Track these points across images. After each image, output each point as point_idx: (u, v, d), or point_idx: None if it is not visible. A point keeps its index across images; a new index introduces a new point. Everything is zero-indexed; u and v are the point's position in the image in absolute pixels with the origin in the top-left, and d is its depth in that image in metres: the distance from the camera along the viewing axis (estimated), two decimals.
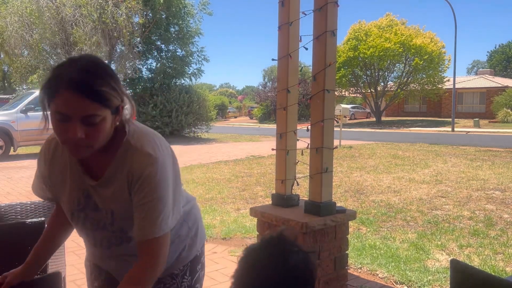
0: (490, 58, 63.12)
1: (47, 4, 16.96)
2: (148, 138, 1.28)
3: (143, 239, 1.23)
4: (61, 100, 1.10)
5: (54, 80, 1.12)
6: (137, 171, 1.21)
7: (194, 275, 1.51)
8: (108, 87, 1.13)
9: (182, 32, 19.50)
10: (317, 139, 2.53)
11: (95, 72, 1.13)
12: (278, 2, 2.76)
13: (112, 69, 1.20)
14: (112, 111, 1.16)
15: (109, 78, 1.15)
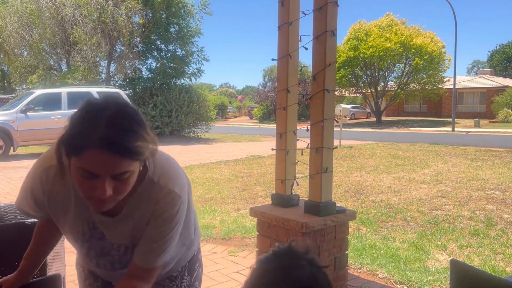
0: (491, 58, 63.11)
1: (47, 4, 16.97)
2: (170, 173, 1.22)
3: (144, 266, 1.21)
4: (90, 158, 0.99)
5: (81, 137, 1.00)
6: (162, 210, 1.17)
7: (193, 274, 1.50)
8: (141, 140, 1.03)
9: (182, 32, 19.49)
10: (317, 139, 2.53)
11: (127, 126, 1.02)
12: (278, 2, 2.76)
13: (139, 115, 1.08)
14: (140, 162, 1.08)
15: (140, 129, 1.04)
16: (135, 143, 1.01)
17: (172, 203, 1.18)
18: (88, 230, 1.25)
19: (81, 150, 1.00)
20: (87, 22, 16.95)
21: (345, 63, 30.34)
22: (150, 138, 1.08)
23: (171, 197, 1.17)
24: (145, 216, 1.19)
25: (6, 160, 10.93)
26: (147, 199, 1.18)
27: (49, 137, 12.06)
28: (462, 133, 22.51)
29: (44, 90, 12.98)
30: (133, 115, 1.05)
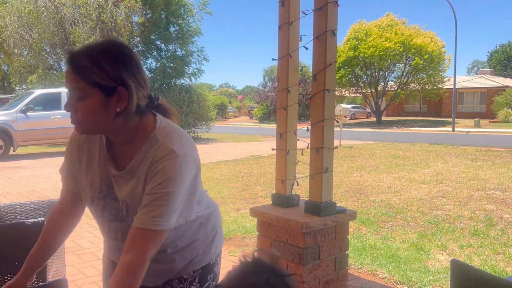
0: (490, 58, 63.12)
1: (46, 4, 16.97)
2: (176, 136, 1.26)
3: (137, 226, 1.19)
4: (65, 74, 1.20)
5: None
6: (157, 164, 1.20)
7: (204, 284, 1.45)
8: (95, 64, 1.14)
9: (181, 32, 19.48)
10: (317, 139, 2.53)
11: (89, 51, 1.16)
12: (278, 2, 2.76)
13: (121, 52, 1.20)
14: (103, 92, 1.16)
15: (103, 59, 1.16)
16: (84, 64, 1.14)
17: (168, 156, 1.20)
18: (105, 187, 1.31)
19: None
20: (86, 22, 16.95)
21: (345, 63, 30.34)
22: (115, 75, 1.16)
23: (169, 155, 1.20)
24: (145, 173, 1.23)
25: (6, 160, 10.93)
26: (149, 155, 1.23)
27: (49, 137, 12.07)
28: (462, 133, 22.51)
29: (44, 90, 12.98)
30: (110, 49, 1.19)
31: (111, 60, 1.17)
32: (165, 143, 1.22)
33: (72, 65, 1.16)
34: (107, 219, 1.34)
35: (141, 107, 1.23)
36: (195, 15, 19.72)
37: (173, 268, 1.39)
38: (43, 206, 2.98)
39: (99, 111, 1.18)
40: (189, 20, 19.70)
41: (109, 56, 1.17)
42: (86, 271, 3.51)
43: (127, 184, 1.27)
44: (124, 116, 1.20)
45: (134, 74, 1.20)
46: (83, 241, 4.33)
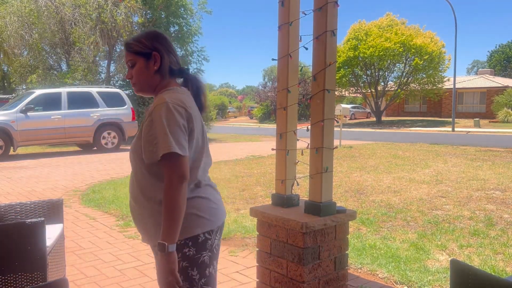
0: (490, 58, 63.12)
1: (46, 4, 16.96)
2: (175, 94, 1.65)
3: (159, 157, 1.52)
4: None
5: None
6: (153, 108, 1.60)
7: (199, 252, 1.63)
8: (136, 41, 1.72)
9: (181, 32, 19.48)
10: (317, 139, 2.53)
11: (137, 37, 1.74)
12: (278, 2, 2.76)
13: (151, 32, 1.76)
14: (145, 58, 1.69)
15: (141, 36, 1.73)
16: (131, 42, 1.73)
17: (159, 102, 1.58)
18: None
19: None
20: (86, 22, 16.94)
21: (345, 63, 30.34)
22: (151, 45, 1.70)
23: (161, 100, 1.59)
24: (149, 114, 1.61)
25: (6, 160, 10.93)
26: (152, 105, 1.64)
27: (49, 137, 12.07)
28: (462, 133, 22.51)
29: (44, 90, 12.98)
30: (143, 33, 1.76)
31: (148, 37, 1.72)
32: (162, 96, 1.62)
33: (126, 47, 1.73)
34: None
35: (173, 70, 1.74)
36: (194, 15, 19.74)
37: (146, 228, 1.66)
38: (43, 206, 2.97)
39: (144, 71, 1.70)
40: (189, 20, 19.72)
41: (147, 35, 1.73)
42: (86, 271, 3.51)
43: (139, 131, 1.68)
44: (160, 74, 1.71)
45: (164, 45, 1.73)
46: (83, 241, 4.33)
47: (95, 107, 12.73)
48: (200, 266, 1.62)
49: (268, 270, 2.67)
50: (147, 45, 1.69)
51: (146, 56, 1.68)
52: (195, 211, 1.62)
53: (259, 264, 2.74)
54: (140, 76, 1.70)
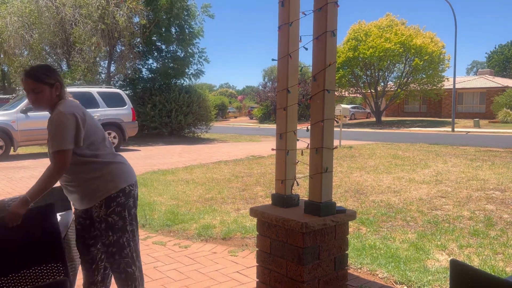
0: (489, 58, 63.15)
1: (47, 4, 16.96)
2: (65, 103, 2.33)
3: (51, 152, 2.27)
4: (23, 83, 2.33)
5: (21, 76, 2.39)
6: (51, 119, 2.28)
7: (109, 208, 2.39)
8: (42, 73, 2.32)
9: (183, 34, 19.49)
10: (317, 139, 2.53)
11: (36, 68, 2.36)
12: (278, 2, 2.76)
13: (50, 67, 2.42)
14: (49, 86, 2.32)
15: (44, 70, 2.35)
16: (37, 73, 2.31)
17: (56, 114, 2.27)
18: None
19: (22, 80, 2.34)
20: (87, 22, 16.94)
21: (344, 63, 30.34)
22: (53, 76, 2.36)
23: (56, 112, 2.28)
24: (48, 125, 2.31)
25: (6, 160, 10.93)
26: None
27: None
28: (462, 133, 22.52)
29: None
30: (42, 65, 2.45)
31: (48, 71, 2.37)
32: (60, 107, 2.30)
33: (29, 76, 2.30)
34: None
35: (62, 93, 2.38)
36: (197, 18, 19.74)
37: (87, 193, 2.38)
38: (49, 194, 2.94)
39: (48, 97, 2.34)
40: (191, 22, 19.72)
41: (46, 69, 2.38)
42: None
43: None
44: (58, 97, 2.37)
45: (60, 77, 2.40)
46: None
47: (95, 107, 12.73)
48: (127, 208, 2.44)
49: (268, 270, 2.67)
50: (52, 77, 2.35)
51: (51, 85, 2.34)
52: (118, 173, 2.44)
53: (259, 264, 2.74)
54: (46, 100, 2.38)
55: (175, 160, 11.12)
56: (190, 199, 6.24)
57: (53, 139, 2.24)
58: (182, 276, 3.45)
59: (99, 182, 2.36)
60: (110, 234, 2.40)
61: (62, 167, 2.25)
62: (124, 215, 2.42)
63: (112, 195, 2.38)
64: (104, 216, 2.39)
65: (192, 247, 4.17)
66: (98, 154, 2.39)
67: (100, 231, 2.42)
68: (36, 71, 2.30)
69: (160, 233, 4.66)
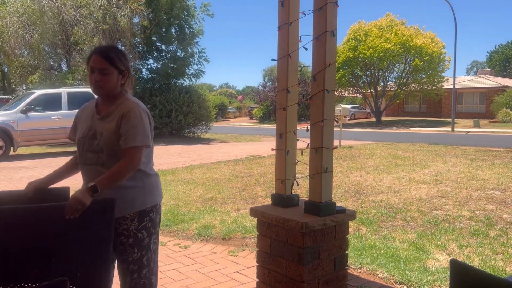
0: (490, 58, 63.14)
1: (49, 4, 16.96)
2: (137, 100, 2.22)
3: (126, 147, 2.07)
4: (92, 60, 2.14)
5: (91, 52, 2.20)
6: (126, 110, 2.12)
7: (141, 223, 2.19)
8: (116, 56, 2.16)
9: (183, 34, 19.49)
10: (317, 139, 2.53)
11: (111, 48, 2.21)
12: (278, 2, 2.76)
13: (124, 52, 2.26)
14: (118, 72, 2.16)
15: (119, 54, 2.19)
16: (111, 55, 2.14)
17: (132, 106, 2.15)
18: (87, 131, 2.19)
19: (90, 56, 2.17)
20: (88, 23, 16.94)
21: (344, 63, 30.34)
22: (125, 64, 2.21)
23: (132, 105, 2.15)
24: (120, 115, 2.11)
25: (6, 160, 10.93)
26: (121, 107, 2.16)
27: (49, 137, 12.07)
28: (462, 133, 22.52)
29: (44, 90, 12.98)
30: (117, 48, 2.29)
31: (123, 56, 2.21)
32: (132, 101, 2.18)
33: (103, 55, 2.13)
34: (85, 150, 2.17)
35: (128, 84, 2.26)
36: (196, 17, 19.75)
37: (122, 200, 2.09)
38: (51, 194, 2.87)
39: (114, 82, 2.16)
40: (191, 22, 19.72)
41: (121, 54, 2.22)
42: None
43: (106, 122, 2.14)
44: (122, 85, 2.22)
45: (130, 67, 2.25)
46: None
47: None
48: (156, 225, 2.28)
49: (268, 270, 2.67)
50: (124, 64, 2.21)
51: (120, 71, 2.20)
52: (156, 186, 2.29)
53: (259, 264, 2.74)
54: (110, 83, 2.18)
55: (175, 160, 11.12)
56: (190, 199, 6.24)
57: (132, 132, 2.06)
58: (182, 276, 3.45)
59: (137, 192, 2.17)
60: (135, 251, 2.18)
61: (137, 163, 2.08)
62: (152, 232, 2.24)
63: (147, 209, 2.20)
64: (134, 231, 2.16)
65: (192, 247, 4.17)
66: (145, 162, 2.20)
67: (124, 246, 2.17)
68: (111, 51, 2.15)
69: (160, 233, 4.65)
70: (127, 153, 2.07)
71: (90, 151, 2.14)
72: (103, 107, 2.20)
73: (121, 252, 2.18)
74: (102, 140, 2.10)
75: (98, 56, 2.10)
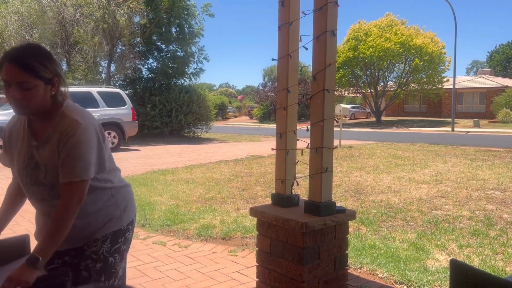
0: (490, 58, 63.13)
1: (49, 4, 16.96)
2: (77, 110, 1.67)
3: (65, 181, 1.59)
4: (4, 70, 1.53)
5: (2, 57, 1.54)
6: (65, 132, 1.59)
7: (115, 245, 1.81)
8: (38, 63, 1.54)
9: (183, 33, 19.49)
10: (317, 139, 2.53)
11: (28, 51, 1.56)
12: (278, 2, 2.76)
13: (49, 54, 1.62)
14: (44, 82, 1.57)
15: (41, 57, 1.57)
16: (32, 62, 1.53)
17: (73, 125, 1.60)
18: (27, 158, 1.69)
19: (1, 65, 1.54)
20: (88, 22, 16.94)
21: (344, 63, 30.35)
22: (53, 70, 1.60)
23: (73, 123, 1.60)
24: (58, 140, 1.60)
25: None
26: (59, 126, 1.62)
27: None
28: (462, 133, 22.52)
29: None
30: (40, 50, 1.60)
31: (47, 59, 1.59)
32: (69, 115, 1.63)
33: (18, 63, 1.52)
34: (29, 184, 1.71)
35: (62, 92, 1.67)
36: (197, 17, 19.75)
37: (88, 228, 1.73)
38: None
39: (42, 97, 1.58)
40: (191, 22, 19.73)
41: (45, 56, 1.59)
42: None
43: (45, 150, 1.64)
44: (53, 98, 1.63)
45: (60, 70, 1.65)
46: None
47: (95, 107, 12.73)
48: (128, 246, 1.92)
49: (268, 269, 2.67)
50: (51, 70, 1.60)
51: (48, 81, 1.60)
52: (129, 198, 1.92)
53: (259, 263, 2.74)
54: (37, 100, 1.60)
55: (175, 160, 11.12)
56: (190, 199, 6.24)
57: (70, 163, 1.58)
58: (182, 276, 3.45)
59: (110, 212, 1.79)
60: (102, 279, 1.77)
61: (80, 199, 1.61)
62: (124, 255, 1.88)
63: (123, 228, 1.83)
64: (105, 254, 1.77)
65: (192, 247, 4.17)
66: (110, 178, 1.80)
67: (89, 272, 1.74)
68: (29, 57, 1.53)
69: (160, 233, 4.66)
70: (65, 189, 1.59)
71: (37, 185, 1.69)
72: (38, 128, 1.68)
73: (83, 279, 1.72)
74: (49, 174, 1.65)
75: (13, 65, 1.51)
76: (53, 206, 1.64)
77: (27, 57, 1.54)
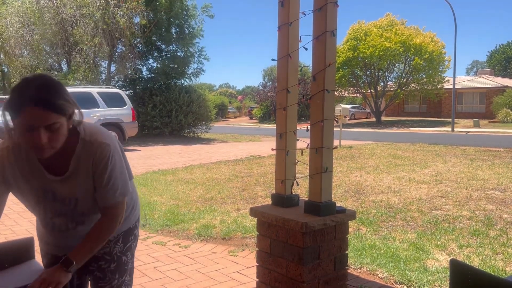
0: (490, 58, 63.12)
1: (48, 4, 16.97)
2: (97, 132, 1.60)
3: (105, 205, 1.60)
4: (27, 114, 1.36)
5: (18, 99, 1.37)
6: (99, 158, 1.55)
7: (126, 243, 1.85)
8: (62, 100, 1.42)
9: (183, 34, 19.50)
10: (317, 139, 2.53)
11: (49, 89, 1.40)
12: (278, 2, 2.76)
13: (62, 85, 1.47)
14: (67, 117, 1.46)
15: (62, 92, 1.43)
16: (58, 101, 1.40)
17: (105, 151, 1.56)
18: (42, 193, 1.61)
19: (20, 109, 1.36)
20: (88, 23, 16.95)
21: (344, 63, 30.36)
22: (72, 101, 1.47)
23: (104, 147, 1.56)
24: (89, 169, 1.56)
25: None
26: (86, 155, 1.55)
27: None
28: (461, 133, 22.52)
29: None
30: (57, 84, 1.44)
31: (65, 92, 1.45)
32: (95, 140, 1.56)
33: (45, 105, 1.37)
34: (50, 218, 1.67)
35: (76, 119, 1.55)
36: (196, 18, 19.76)
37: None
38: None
39: (65, 133, 1.48)
40: (191, 23, 19.75)
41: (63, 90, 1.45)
42: None
43: (71, 185, 1.58)
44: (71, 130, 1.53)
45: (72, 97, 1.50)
46: None
47: (95, 107, 12.74)
48: (137, 243, 1.96)
49: (268, 270, 2.67)
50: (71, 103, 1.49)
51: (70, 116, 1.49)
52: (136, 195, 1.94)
53: (259, 264, 2.74)
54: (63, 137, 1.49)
55: (175, 160, 11.12)
56: (190, 199, 6.24)
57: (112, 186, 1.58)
58: (182, 276, 3.46)
59: None
60: (116, 277, 1.81)
61: (121, 219, 1.66)
62: (133, 252, 1.92)
63: (132, 226, 1.86)
64: (119, 254, 1.81)
65: (192, 247, 4.17)
66: None
67: (103, 272, 1.78)
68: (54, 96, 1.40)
69: (160, 233, 4.66)
70: (107, 212, 1.62)
71: (59, 216, 1.66)
72: (54, 162, 1.56)
73: (98, 279, 1.79)
74: (80, 206, 1.63)
75: (38, 108, 1.36)
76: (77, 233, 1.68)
77: (52, 97, 1.39)
